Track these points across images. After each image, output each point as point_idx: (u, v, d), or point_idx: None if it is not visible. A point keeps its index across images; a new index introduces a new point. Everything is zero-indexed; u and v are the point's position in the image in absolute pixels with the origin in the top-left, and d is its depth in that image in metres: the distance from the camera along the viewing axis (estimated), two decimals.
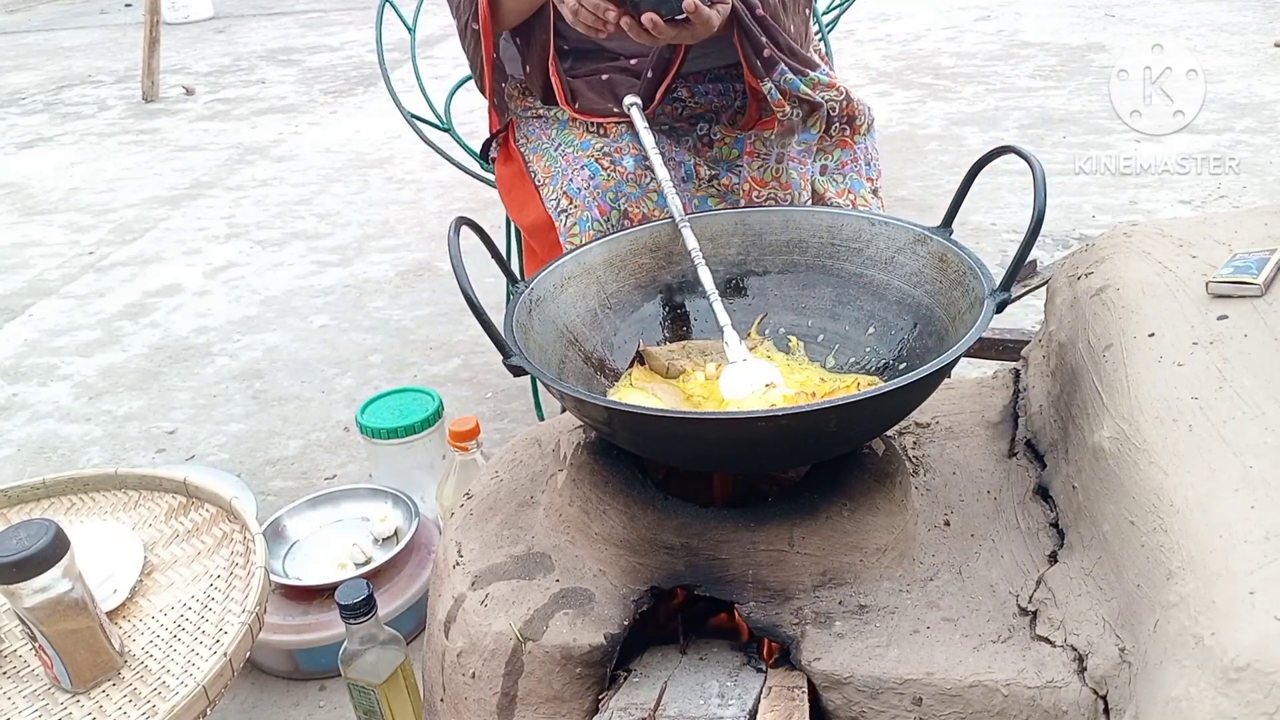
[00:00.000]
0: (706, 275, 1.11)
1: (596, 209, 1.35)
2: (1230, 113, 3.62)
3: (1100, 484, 0.89)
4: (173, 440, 2.24)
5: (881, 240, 1.12)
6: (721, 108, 1.52)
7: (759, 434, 0.86)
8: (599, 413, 0.93)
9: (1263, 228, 1.10)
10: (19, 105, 5.28)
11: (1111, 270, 1.06)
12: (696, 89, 1.49)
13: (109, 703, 1.08)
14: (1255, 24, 4.78)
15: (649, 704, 0.89)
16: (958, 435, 1.14)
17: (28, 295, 3.04)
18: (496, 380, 2.34)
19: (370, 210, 3.51)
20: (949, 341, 0.98)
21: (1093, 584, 0.86)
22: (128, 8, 7.67)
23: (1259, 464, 0.76)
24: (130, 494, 1.41)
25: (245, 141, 4.38)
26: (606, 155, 1.39)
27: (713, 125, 1.51)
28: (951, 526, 1.00)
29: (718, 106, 1.52)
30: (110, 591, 1.21)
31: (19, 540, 1.01)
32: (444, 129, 2.01)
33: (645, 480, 0.98)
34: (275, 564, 1.59)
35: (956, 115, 3.93)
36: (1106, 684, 0.79)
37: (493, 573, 0.99)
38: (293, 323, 2.74)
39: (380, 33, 2.01)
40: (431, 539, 1.67)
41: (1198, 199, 3.00)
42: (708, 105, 1.52)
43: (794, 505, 0.94)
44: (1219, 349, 0.90)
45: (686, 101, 1.50)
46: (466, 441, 1.53)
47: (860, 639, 0.87)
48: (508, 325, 0.99)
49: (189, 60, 5.98)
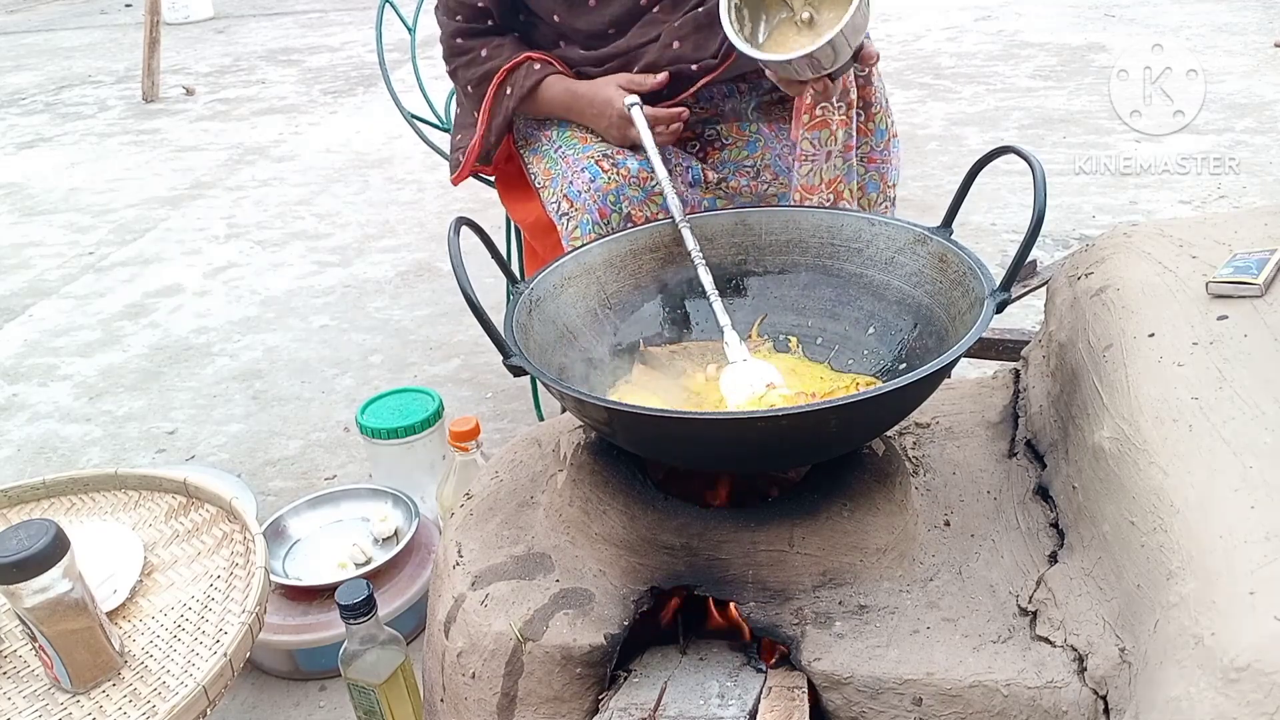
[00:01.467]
0: (707, 276, 1.11)
1: (597, 212, 1.34)
2: (1230, 113, 3.62)
3: (1100, 484, 0.89)
4: (173, 440, 2.24)
5: (881, 240, 1.12)
6: (729, 111, 1.52)
7: (759, 434, 0.86)
8: (599, 413, 0.93)
9: (1263, 228, 1.10)
10: (19, 105, 5.28)
11: (1112, 270, 1.06)
12: (701, 94, 1.49)
13: (109, 703, 1.08)
14: (1255, 24, 4.78)
15: (649, 704, 0.89)
16: (958, 435, 1.14)
17: (28, 295, 3.04)
18: (496, 380, 2.34)
19: (370, 210, 3.51)
20: (949, 341, 0.98)
21: (1093, 584, 0.86)
22: (128, 8, 7.67)
23: (1259, 464, 0.76)
24: (130, 494, 1.41)
25: (245, 142, 4.38)
26: (607, 157, 1.39)
27: (720, 127, 1.51)
28: (951, 527, 1.00)
29: (724, 110, 1.52)
30: (110, 591, 1.21)
31: (19, 540, 1.00)
32: (444, 129, 2.01)
33: (645, 480, 0.98)
34: (275, 564, 1.59)
35: (956, 115, 3.93)
36: (1106, 684, 0.79)
37: (493, 573, 0.99)
38: (293, 323, 2.74)
39: (380, 33, 2.01)
40: (431, 539, 1.67)
41: (1198, 199, 3.00)
42: (714, 110, 1.52)
43: (794, 505, 0.94)
44: (1219, 349, 0.90)
45: (692, 106, 1.50)
46: (466, 441, 1.53)
47: (860, 639, 0.87)
48: (508, 325, 0.99)
49: (189, 60, 5.98)
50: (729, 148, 1.49)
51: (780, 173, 1.46)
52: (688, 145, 1.51)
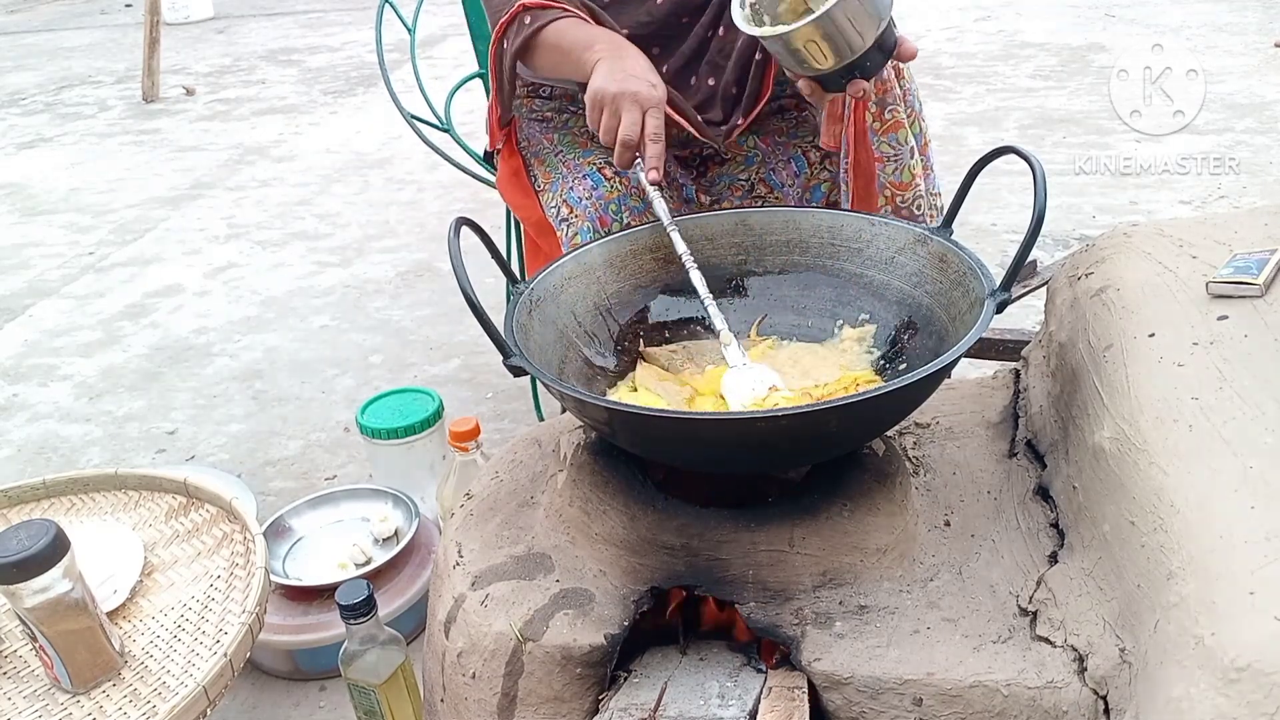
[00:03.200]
0: (700, 281, 1.10)
1: (598, 220, 1.33)
2: (1230, 113, 3.62)
3: (1100, 484, 0.89)
4: (173, 440, 2.24)
5: (881, 240, 1.12)
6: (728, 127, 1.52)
7: (759, 434, 0.86)
8: (599, 413, 0.93)
9: (1263, 228, 1.10)
10: (19, 105, 5.28)
11: (1112, 271, 1.06)
12: None
13: (109, 703, 1.08)
14: (1255, 24, 4.78)
15: (649, 704, 0.89)
16: (958, 435, 1.14)
17: (28, 295, 3.04)
18: (496, 380, 2.34)
19: (370, 211, 3.51)
20: (949, 342, 0.98)
21: (1093, 584, 0.86)
22: (128, 8, 7.66)
23: (1259, 464, 0.76)
24: (130, 494, 1.41)
25: (245, 142, 4.38)
26: (609, 165, 1.36)
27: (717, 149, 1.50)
28: (952, 527, 1.00)
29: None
30: (110, 592, 1.21)
31: (19, 540, 1.01)
32: (444, 129, 2.01)
33: (645, 480, 0.98)
34: (275, 564, 1.59)
35: (957, 115, 3.93)
36: (1107, 684, 0.79)
37: (493, 573, 0.99)
38: (293, 323, 2.74)
39: (380, 33, 2.00)
40: (431, 539, 1.67)
41: (1198, 199, 3.00)
42: None
43: (794, 505, 0.94)
44: (1219, 349, 0.90)
45: None
46: (466, 442, 1.53)
47: (860, 639, 0.87)
48: (508, 325, 0.99)
49: (189, 60, 5.97)
50: (727, 164, 1.49)
51: (775, 186, 1.45)
52: (686, 163, 1.50)
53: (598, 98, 1.17)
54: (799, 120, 1.50)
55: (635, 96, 1.15)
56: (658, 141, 1.16)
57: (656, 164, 1.15)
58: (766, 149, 1.47)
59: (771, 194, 1.45)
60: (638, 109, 1.15)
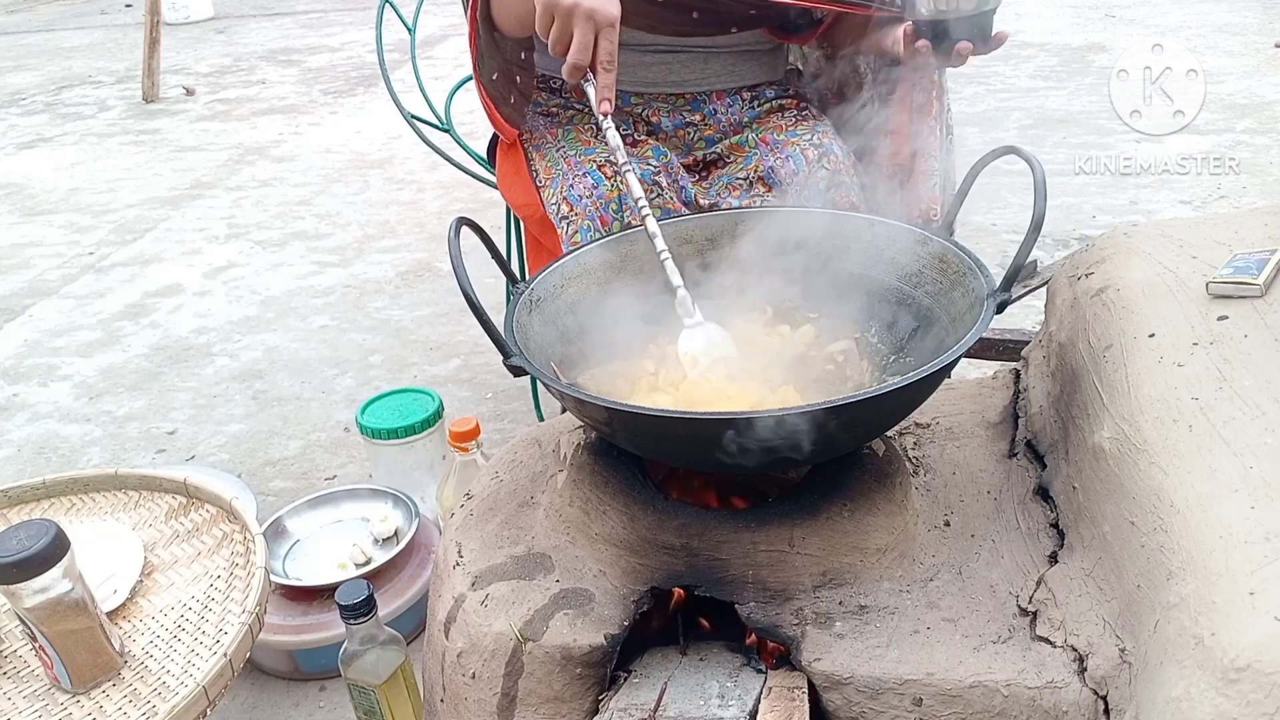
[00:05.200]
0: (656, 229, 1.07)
1: (598, 219, 1.32)
2: (1230, 113, 3.62)
3: (1100, 484, 0.89)
4: (173, 440, 2.24)
5: (881, 241, 1.12)
6: (729, 124, 1.51)
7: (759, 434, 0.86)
8: (599, 413, 0.93)
9: (1263, 228, 1.10)
10: (19, 105, 5.28)
11: (1112, 271, 1.06)
12: (707, 110, 1.48)
13: (109, 703, 1.08)
14: (1255, 24, 4.78)
15: (649, 704, 0.89)
16: (958, 435, 1.14)
17: (28, 295, 3.04)
18: (496, 380, 2.34)
19: (370, 211, 3.51)
20: (949, 342, 0.98)
21: (1093, 584, 0.86)
22: (128, 8, 7.67)
23: (1259, 464, 0.76)
24: (130, 494, 1.41)
25: (245, 142, 4.38)
26: (610, 164, 1.36)
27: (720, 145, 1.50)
28: (951, 527, 1.00)
29: (724, 123, 1.52)
30: (110, 592, 1.21)
31: (19, 540, 1.00)
32: (444, 129, 2.01)
33: (645, 480, 0.98)
34: (275, 564, 1.59)
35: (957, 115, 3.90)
36: (1107, 684, 0.79)
37: (493, 573, 0.99)
38: (293, 323, 2.74)
39: (380, 33, 2.00)
40: (431, 539, 1.67)
41: (1198, 199, 3.00)
42: (716, 125, 1.52)
43: (794, 505, 0.94)
44: (1219, 349, 0.90)
45: (698, 125, 1.49)
46: (466, 442, 1.53)
47: (860, 639, 0.87)
48: (508, 325, 0.99)
49: (189, 60, 5.98)
50: (729, 165, 1.49)
51: (774, 185, 1.45)
52: (689, 167, 1.50)
53: (550, 3, 1.09)
54: (798, 119, 1.50)
55: (590, 12, 1.07)
56: (610, 69, 1.09)
57: (608, 94, 1.10)
58: (765, 147, 1.47)
59: (770, 192, 1.45)
60: (591, 26, 1.08)
